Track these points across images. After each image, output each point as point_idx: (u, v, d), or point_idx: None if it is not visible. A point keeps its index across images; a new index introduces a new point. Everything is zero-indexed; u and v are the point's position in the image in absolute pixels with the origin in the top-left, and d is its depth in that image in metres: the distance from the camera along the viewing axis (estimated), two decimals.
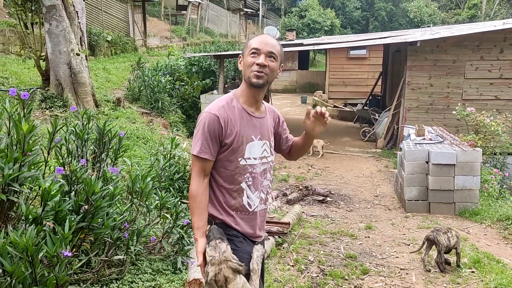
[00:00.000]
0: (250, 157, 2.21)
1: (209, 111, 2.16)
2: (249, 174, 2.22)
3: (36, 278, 2.40)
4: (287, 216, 5.53)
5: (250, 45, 2.19)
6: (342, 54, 18.00)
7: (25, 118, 2.87)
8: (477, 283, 4.09)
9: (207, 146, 2.13)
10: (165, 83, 10.63)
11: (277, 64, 2.19)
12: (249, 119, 2.22)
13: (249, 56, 2.17)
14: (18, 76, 8.95)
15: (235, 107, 2.20)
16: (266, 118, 2.31)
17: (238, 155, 2.18)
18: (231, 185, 2.20)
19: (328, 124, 2.33)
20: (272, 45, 2.17)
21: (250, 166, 2.22)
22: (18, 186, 2.80)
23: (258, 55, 2.15)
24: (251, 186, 2.24)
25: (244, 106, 2.22)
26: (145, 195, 3.97)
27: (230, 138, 2.15)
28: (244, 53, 2.22)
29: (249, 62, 2.16)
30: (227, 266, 1.98)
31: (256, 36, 2.26)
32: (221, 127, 2.13)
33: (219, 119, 2.12)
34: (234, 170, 2.19)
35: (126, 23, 17.53)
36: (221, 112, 2.14)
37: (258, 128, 2.25)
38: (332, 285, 4.02)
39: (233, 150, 2.16)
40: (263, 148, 2.27)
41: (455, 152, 6.22)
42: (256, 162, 2.24)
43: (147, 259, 4.05)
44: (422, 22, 32.48)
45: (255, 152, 2.23)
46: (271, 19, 38.88)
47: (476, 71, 10.14)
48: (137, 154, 6.57)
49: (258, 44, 2.16)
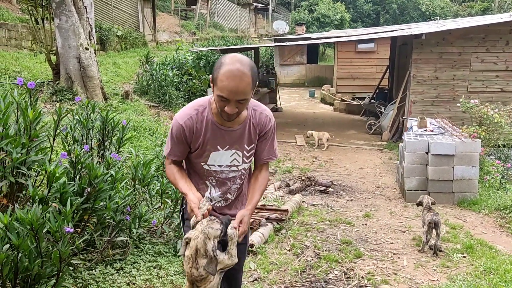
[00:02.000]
0: (214, 164, 2.31)
1: (177, 120, 2.25)
2: (212, 177, 2.35)
3: (41, 252, 2.60)
4: (286, 204, 5.70)
5: (218, 87, 2.02)
6: (350, 48, 18.01)
7: (32, 106, 3.07)
8: (467, 267, 4.22)
9: (176, 149, 2.30)
10: (173, 77, 10.85)
11: (247, 100, 2.11)
12: (217, 130, 2.23)
13: (218, 97, 2.06)
14: (30, 70, 9.23)
15: (205, 118, 2.22)
16: (239, 130, 2.26)
17: (201, 160, 2.30)
18: (198, 180, 2.38)
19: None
20: (242, 92, 2.02)
21: (214, 172, 2.33)
22: (25, 170, 3.01)
23: (227, 102, 2.05)
24: (215, 186, 2.37)
25: (215, 119, 2.22)
26: (147, 181, 4.18)
27: (195, 146, 2.26)
28: (213, 83, 2.08)
29: (219, 105, 2.09)
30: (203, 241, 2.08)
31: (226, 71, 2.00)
32: (185, 136, 2.23)
33: (184, 129, 2.22)
34: (199, 170, 2.35)
35: (136, 18, 17.78)
36: (187, 123, 2.21)
37: (226, 139, 2.26)
38: (325, 267, 4.18)
39: (197, 156, 2.30)
40: (232, 157, 2.30)
41: (454, 143, 6.31)
42: (222, 169, 2.32)
43: (149, 242, 4.25)
44: (434, 15, 32.19)
45: (221, 160, 2.30)
46: (281, 13, 38.87)
47: (481, 64, 10.14)
48: (143, 145, 6.79)
49: (227, 93, 2.01)
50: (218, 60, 2.10)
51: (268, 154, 2.41)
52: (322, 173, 8.16)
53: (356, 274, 4.09)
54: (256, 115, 2.31)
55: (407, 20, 34.81)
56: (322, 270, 4.14)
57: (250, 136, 2.30)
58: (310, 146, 10.29)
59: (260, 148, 2.38)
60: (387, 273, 4.14)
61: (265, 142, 2.38)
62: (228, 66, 2.01)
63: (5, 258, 2.43)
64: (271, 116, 2.38)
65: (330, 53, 30.58)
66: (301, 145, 10.41)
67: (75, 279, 3.45)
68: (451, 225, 5.38)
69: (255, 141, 2.34)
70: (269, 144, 2.40)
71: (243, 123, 2.27)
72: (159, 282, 3.63)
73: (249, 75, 2.02)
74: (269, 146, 2.40)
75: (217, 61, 2.09)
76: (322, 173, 8.16)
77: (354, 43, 17.55)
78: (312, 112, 15.50)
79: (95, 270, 3.62)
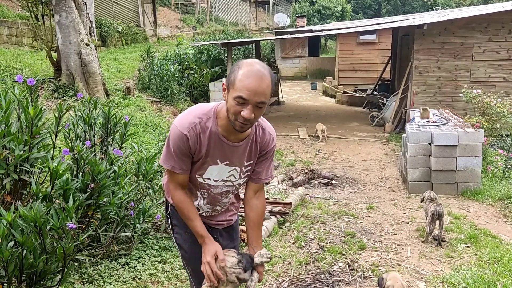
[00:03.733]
0: (209, 178, 2.17)
1: (179, 128, 2.02)
2: (205, 190, 2.22)
3: (45, 248, 2.61)
4: (290, 197, 5.70)
5: (236, 88, 1.87)
6: (352, 39, 17.92)
7: (33, 103, 3.07)
8: (471, 257, 4.22)
9: (181, 163, 2.08)
10: (174, 72, 10.84)
11: (265, 106, 1.96)
12: (219, 144, 2.08)
13: (233, 100, 1.89)
14: (31, 67, 9.23)
15: (209, 128, 2.05)
16: (242, 146, 2.14)
17: (197, 172, 2.15)
18: (191, 184, 2.22)
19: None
20: (263, 92, 1.88)
21: (208, 185, 2.20)
22: (28, 167, 3.02)
23: (245, 105, 1.88)
24: (206, 199, 2.25)
25: (218, 131, 2.06)
26: (150, 176, 4.19)
27: (197, 157, 2.10)
28: (228, 87, 1.93)
29: (233, 110, 1.90)
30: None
31: (247, 72, 1.88)
32: (189, 146, 2.04)
33: (188, 140, 2.02)
34: (193, 180, 2.19)
35: (136, 14, 17.73)
36: (191, 133, 2.02)
37: (228, 154, 2.12)
38: (329, 259, 4.19)
39: (196, 167, 2.14)
40: (230, 173, 2.19)
41: (457, 133, 6.29)
42: (216, 183, 2.20)
43: (154, 237, 4.27)
44: (435, 5, 31.98)
45: (217, 175, 2.17)
46: (282, 6, 38.68)
47: (484, 53, 10.08)
48: (145, 140, 6.80)
49: (247, 93, 1.86)
50: (233, 65, 1.97)
51: (266, 175, 2.29)
52: (325, 165, 8.16)
53: (360, 265, 4.10)
54: (261, 132, 2.18)
55: (409, 10, 34.56)
56: (327, 262, 4.15)
57: (251, 153, 2.18)
58: (313, 138, 10.28)
59: (259, 168, 2.26)
60: (391, 264, 4.15)
61: (265, 162, 2.26)
62: (248, 67, 1.89)
63: (10, 255, 2.44)
64: (274, 136, 2.26)
65: (331, 45, 30.44)
66: (303, 138, 10.39)
67: (81, 274, 3.48)
68: (455, 216, 5.38)
69: (254, 159, 2.21)
70: (268, 165, 2.28)
71: (247, 138, 2.13)
72: (164, 276, 3.66)
73: (269, 78, 1.91)
74: (268, 166, 2.28)
75: (233, 66, 1.96)
76: (325, 165, 8.16)
77: (356, 35, 17.45)
78: (315, 104, 15.47)
79: (100, 265, 3.64)
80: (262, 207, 2.31)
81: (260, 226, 2.31)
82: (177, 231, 2.33)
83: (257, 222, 2.28)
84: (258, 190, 2.31)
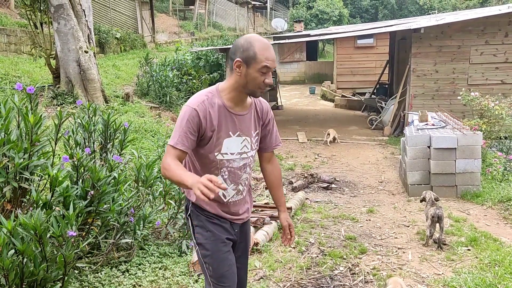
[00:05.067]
0: (227, 152, 2.27)
1: (189, 105, 2.19)
2: (225, 169, 2.29)
3: (46, 256, 2.61)
4: (290, 201, 5.70)
5: (259, 60, 2.12)
6: (350, 43, 17.96)
7: (32, 111, 3.08)
8: (472, 260, 4.22)
9: (184, 139, 2.16)
10: (173, 78, 10.86)
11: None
12: (228, 115, 2.24)
13: (258, 72, 2.13)
14: (30, 74, 9.25)
15: (216, 103, 2.21)
16: (248, 115, 2.32)
17: (215, 150, 2.24)
18: (210, 172, 2.24)
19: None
20: (274, 60, 2.18)
21: (227, 161, 2.28)
22: (28, 174, 3.03)
23: (267, 73, 2.15)
24: (227, 179, 2.31)
25: (225, 103, 2.23)
26: (150, 183, 4.19)
27: (208, 134, 2.20)
28: (249, 63, 2.14)
29: (258, 81, 2.15)
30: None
31: (262, 45, 2.14)
32: (200, 122, 2.16)
33: (199, 114, 2.15)
34: (211, 163, 2.27)
35: (135, 20, 17.79)
36: (201, 107, 2.17)
37: (237, 125, 2.27)
38: (330, 264, 4.18)
39: (211, 145, 2.23)
40: (242, 144, 2.31)
41: (455, 136, 6.30)
42: (234, 157, 2.29)
43: (154, 244, 4.26)
44: (432, 9, 32.07)
45: (233, 147, 2.28)
46: (279, 11, 38.84)
47: (481, 56, 10.11)
48: (145, 146, 6.80)
49: (270, 62, 2.13)
50: (238, 44, 2.17)
51: (276, 141, 2.51)
52: (325, 169, 8.16)
53: (361, 269, 4.09)
54: (258, 102, 2.39)
55: (406, 14, 34.70)
56: (327, 266, 4.15)
57: (255, 122, 2.37)
58: (312, 143, 10.30)
59: (267, 136, 2.47)
60: (392, 268, 4.14)
61: (271, 129, 2.47)
62: (259, 41, 2.15)
63: (10, 264, 2.44)
64: (269, 105, 2.49)
65: (329, 50, 30.54)
66: (303, 142, 10.40)
67: (81, 282, 3.47)
68: (455, 218, 5.38)
69: (259, 128, 2.40)
70: (273, 132, 2.49)
71: (250, 108, 2.33)
72: (165, 283, 3.65)
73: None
74: (273, 134, 2.49)
75: (238, 45, 2.16)
76: (324, 169, 8.16)
77: (353, 39, 17.50)
78: (313, 109, 15.49)
79: (100, 272, 3.63)
80: (278, 171, 2.58)
81: (280, 187, 2.59)
82: (198, 231, 2.35)
83: (277, 184, 2.57)
84: (270, 158, 2.56)
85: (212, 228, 2.31)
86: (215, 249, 2.31)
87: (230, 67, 2.23)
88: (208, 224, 2.31)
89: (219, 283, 2.30)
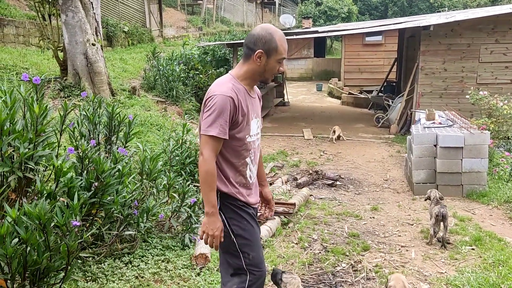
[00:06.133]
0: (252, 134, 2.41)
1: (223, 94, 2.23)
2: (252, 150, 2.44)
3: (49, 246, 2.62)
4: (293, 198, 5.69)
5: (279, 52, 2.29)
6: (358, 41, 17.89)
7: (38, 101, 3.09)
8: (475, 259, 4.19)
9: (225, 127, 2.23)
10: (180, 72, 10.85)
11: None
12: (249, 99, 2.38)
13: (276, 62, 2.32)
14: (38, 66, 9.29)
15: (240, 89, 2.33)
16: (255, 98, 2.49)
17: (246, 133, 2.35)
18: (239, 160, 2.38)
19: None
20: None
21: (253, 143, 2.43)
22: (33, 164, 3.04)
23: (282, 62, 2.35)
24: (253, 160, 2.47)
25: (246, 87, 2.37)
26: (154, 176, 4.19)
27: (240, 118, 2.30)
28: (270, 54, 2.29)
29: (275, 70, 2.35)
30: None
31: (280, 37, 2.30)
32: (235, 108, 2.25)
33: (234, 101, 2.24)
34: (242, 146, 2.36)
35: (143, 14, 17.79)
36: (233, 94, 2.25)
37: (255, 107, 2.45)
38: (333, 260, 4.18)
39: (243, 128, 2.33)
40: (257, 125, 2.47)
41: (462, 135, 6.25)
42: (255, 138, 2.45)
43: (157, 236, 4.28)
44: (442, 6, 31.80)
45: (254, 129, 2.42)
46: (288, 7, 38.65)
47: (491, 55, 10.02)
48: (150, 140, 6.82)
49: (286, 52, 2.33)
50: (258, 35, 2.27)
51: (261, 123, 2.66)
52: (330, 166, 8.14)
53: (363, 266, 4.08)
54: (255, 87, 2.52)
55: (416, 12, 34.39)
56: (330, 263, 4.14)
57: (259, 105, 2.54)
58: (317, 140, 10.27)
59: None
60: (395, 265, 4.13)
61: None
62: (277, 33, 2.30)
63: (14, 252, 2.45)
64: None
65: (337, 47, 30.40)
66: (308, 139, 10.38)
67: (84, 272, 3.49)
68: (460, 218, 5.35)
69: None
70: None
71: (255, 91, 2.49)
72: (167, 275, 3.66)
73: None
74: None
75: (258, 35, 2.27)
76: (329, 166, 8.14)
77: (362, 36, 17.42)
78: (320, 106, 15.44)
79: (103, 263, 3.65)
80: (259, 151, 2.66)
81: (262, 164, 2.71)
82: (234, 222, 2.39)
83: (260, 161, 2.66)
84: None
85: (247, 217, 2.41)
86: (254, 237, 2.41)
87: (246, 55, 2.32)
88: (242, 213, 2.39)
89: (258, 269, 2.40)
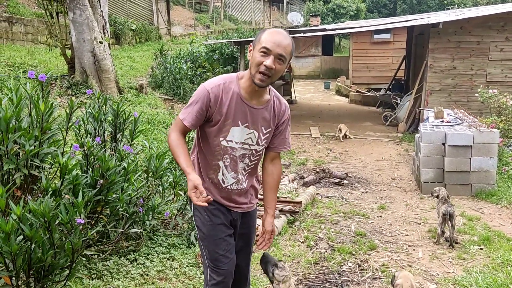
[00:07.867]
0: (232, 140, 2.29)
1: (204, 86, 2.25)
2: (228, 156, 2.32)
3: (54, 243, 2.62)
4: (300, 196, 5.67)
5: (262, 41, 2.13)
6: (366, 38, 17.76)
7: (44, 99, 3.09)
8: (483, 259, 4.14)
9: (193, 116, 2.23)
10: (187, 70, 10.87)
11: (284, 66, 2.18)
12: (241, 105, 2.25)
13: (258, 52, 2.13)
14: (46, 64, 9.34)
15: (232, 90, 2.24)
16: (263, 110, 2.31)
17: (221, 135, 2.27)
18: (212, 158, 2.34)
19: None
20: (284, 47, 2.13)
21: (231, 149, 2.31)
22: (39, 162, 3.05)
23: (268, 55, 2.11)
24: (228, 166, 2.35)
25: (241, 92, 2.25)
26: (160, 173, 4.19)
27: (217, 117, 2.24)
28: (254, 45, 2.18)
29: (257, 61, 2.13)
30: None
31: (271, 31, 2.17)
32: (209, 104, 2.21)
33: (209, 96, 2.20)
34: (215, 147, 2.31)
35: (150, 12, 17.82)
36: (214, 90, 2.21)
37: (248, 117, 2.28)
38: (339, 259, 4.15)
39: (218, 129, 2.26)
40: (248, 136, 2.32)
41: (471, 133, 6.18)
42: (237, 146, 2.31)
43: (163, 234, 4.28)
44: (452, 4, 31.49)
45: (238, 136, 2.29)
46: (296, 5, 38.51)
47: (501, 53, 9.90)
48: (157, 138, 6.83)
49: (271, 44, 2.10)
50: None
51: (283, 144, 2.46)
52: (337, 165, 8.10)
53: (370, 266, 4.05)
54: (277, 102, 2.38)
55: (425, 9, 34.08)
56: (336, 262, 4.11)
57: (269, 120, 2.35)
58: (325, 138, 10.22)
59: (277, 135, 2.43)
60: (402, 265, 4.09)
61: (283, 130, 2.44)
62: (272, 29, 2.19)
63: (18, 249, 2.46)
64: (288, 107, 2.46)
65: (345, 45, 30.23)
66: (315, 137, 10.33)
67: (90, 269, 3.50)
68: (468, 217, 5.29)
69: (273, 127, 2.37)
70: (284, 134, 2.45)
71: (266, 104, 2.32)
72: (173, 273, 3.65)
73: (290, 40, 2.17)
74: (284, 135, 2.45)
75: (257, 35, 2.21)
76: (337, 165, 8.09)
77: (370, 34, 17.28)
78: (327, 104, 15.38)
79: (109, 261, 3.66)
80: (278, 173, 2.52)
81: (276, 190, 2.53)
82: (197, 214, 2.42)
83: (273, 186, 2.51)
84: (275, 158, 2.51)
85: (210, 212, 2.36)
86: (211, 232, 2.37)
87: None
88: (206, 208, 2.31)
89: (215, 266, 2.36)
